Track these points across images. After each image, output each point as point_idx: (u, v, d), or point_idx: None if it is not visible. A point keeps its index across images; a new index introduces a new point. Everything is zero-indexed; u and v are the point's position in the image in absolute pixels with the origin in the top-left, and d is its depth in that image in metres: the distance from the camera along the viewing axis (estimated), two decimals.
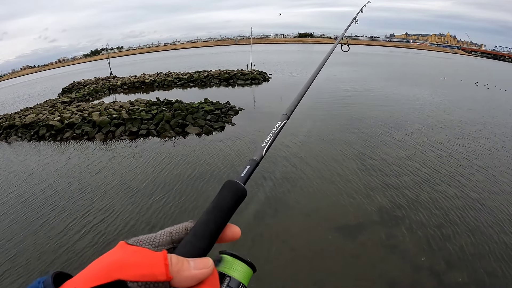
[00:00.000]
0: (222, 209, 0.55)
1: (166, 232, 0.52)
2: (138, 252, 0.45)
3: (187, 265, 0.46)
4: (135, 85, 31.87)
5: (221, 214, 0.54)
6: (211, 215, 0.54)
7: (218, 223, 0.54)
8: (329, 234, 6.83)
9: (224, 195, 0.56)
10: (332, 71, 34.33)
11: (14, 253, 6.78)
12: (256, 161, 0.67)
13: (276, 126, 0.78)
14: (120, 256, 0.44)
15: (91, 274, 0.41)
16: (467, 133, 13.57)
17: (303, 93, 1.05)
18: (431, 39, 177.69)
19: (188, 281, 0.45)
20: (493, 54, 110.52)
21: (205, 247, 0.51)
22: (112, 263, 0.42)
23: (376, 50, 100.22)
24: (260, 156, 0.68)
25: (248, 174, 0.63)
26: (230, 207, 0.55)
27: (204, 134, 14.27)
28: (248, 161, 0.66)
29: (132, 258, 0.43)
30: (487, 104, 19.97)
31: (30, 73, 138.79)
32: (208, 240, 0.52)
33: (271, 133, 0.76)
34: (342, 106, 18.46)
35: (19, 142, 15.84)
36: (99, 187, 9.63)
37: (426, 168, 9.88)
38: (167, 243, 0.51)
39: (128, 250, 0.45)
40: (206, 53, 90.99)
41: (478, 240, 6.46)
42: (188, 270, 0.45)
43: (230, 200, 0.56)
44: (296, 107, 0.94)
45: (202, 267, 0.47)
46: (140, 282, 0.41)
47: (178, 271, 0.44)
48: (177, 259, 0.45)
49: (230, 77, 30.57)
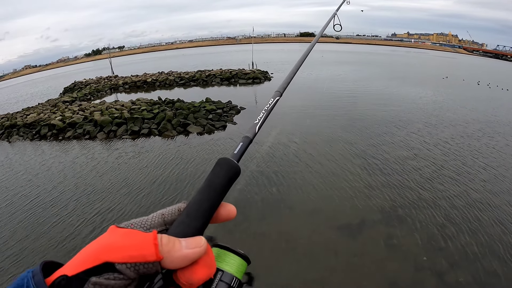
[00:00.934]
0: (216, 188, 0.53)
1: (158, 214, 0.50)
2: (127, 234, 0.44)
3: (179, 245, 0.44)
4: (136, 84, 31.91)
5: (215, 193, 0.52)
6: (204, 194, 0.52)
7: (212, 202, 0.51)
8: (331, 233, 6.83)
9: (217, 173, 0.54)
10: (337, 70, 34.34)
11: (21, 255, 6.81)
12: (250, 138, 0.65)
13: (268, 103, 0.77)
14: (109, 239, 0.43)
15: (80, 259, 0.41)
16: (470, 132, 13.52)
17: (295, 70, 1.02)
18: (432, 38, 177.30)
19: (179, 261, 0.43)
20: (495, 53, 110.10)
21: (198, 226, 0.49)
22: (101, 246, 0.42)
23: (378, 49, 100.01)
24: (253, 133, 0.67)
25: (242, 152, 0.61)
26: (223, 185, 0.53)
27: (206, 134, 14.27)
28: (241, 138, 0.64)
29: (121, 240, 0.42)
30: (489, 103, 19.88)
31: (31, 72, 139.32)
32: (202, 219, 0.50)
33: (264, 109, 0.74)
34: (345, 106, 18.42)
35: (20, 141, 15.88)
36: (102, 187, 9.65)
37: (428, 168, 9.85)
38: (159, 225, 0.49)
39: (117, 233, 0.44)
40: (208, 52, 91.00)
41: (480, 240, 6.44)
42: (180, 250, 0.43)
43: (224, 178, 0.54)
44: (289, 84, 0.92)
45: (194, 246, 0.45)
46: (129, 264, 0.40)
47: (169, 251, 0.43)
48: (168, 239, 0.44)
49: (231, 76, 30.56)
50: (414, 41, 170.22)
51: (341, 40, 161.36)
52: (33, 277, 0.39)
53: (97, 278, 0.39)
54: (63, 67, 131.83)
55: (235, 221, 6.91)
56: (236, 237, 6.57)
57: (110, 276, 0.40)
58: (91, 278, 0.39)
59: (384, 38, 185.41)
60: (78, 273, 0.39)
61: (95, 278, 0.39)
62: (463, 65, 55.22)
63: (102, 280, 0.39)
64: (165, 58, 79.88)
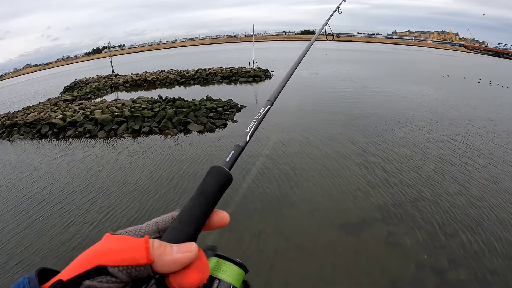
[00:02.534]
0: (207, 195, 0.53)
1: (152, 222, 0.51)
2: (121, 239, 0.45)
3: (170, 249, 0.45)
4: (137, 83, 31.90)
5: (206, 200, 0.53)
6: (196, 201, 0.53)
7: (203, 209, 0.52)
8: (331, 231, 6.83)
9: (208, 180, 0.55)
10: (339, 68, 34.30)
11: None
12: (241, 146, 0.66)
13: (259, 112, 0.78)
14: (102, 245, 0.44)
15: (74, 265, 0.42)
16: (472, 130, 13.51)
17: (286, 79, 1.04)
18: (433, 36, 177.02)
19: (170, 265, 0.44)
20: (495, 51, 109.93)
21: (190, 233, 0.49)
22: (94, 251, 0.43)
23: (378, 47, 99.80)
24: (245, 142, 0.68)
25: (233, 160, 0.62)
26: (215, 192, 0.54)
27: (207, 132, 14.27)
28: (233, 147, 0.65)
29: (114, 245, 0.44)
30: (491, 101, 19.86)
31: (32, 71, 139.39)
32: (194, 226, 0.50)
33: (255, 118, 0.75)
34: (346, 104, 18.41)
35: (21, 140, 15.90)
36: (103, 185, 9.67)
37: (429, 165, 9.85)
38: (153, 232, 0.50)
39: (111, 239, 0.45)
40: (208, 50, 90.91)
41: (481, 238, 6.44)
42: (170, 254, 0.44)
43: (215, 185, 0.54)
44: (280, 93, 0.93)
45: (185, 251, 0.46)
46: (122, 267, 0.41)
47: (160, 254, 0.44)
48: (159, 243, 0.45)
49: (232, 74, 30.57)
50: (415, 39, 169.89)
51: (342, 38, 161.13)
52: (28, 283, 0.40)
53: (91, 282, 0.40)
54: (64, 66, 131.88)
55: (235, 221, 6.93)
56: (236, 236, 6.58)
57: (103, 279, 0.41)
58: (84, 281, 0.40)
59: (384, 36, 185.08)
60: (72, 277, 0.40)
61: (88, 281, 0.40)
62: (464, 63, 55.11)
63: (95, 283, 0.40)
64: (166, 57, 79.80)
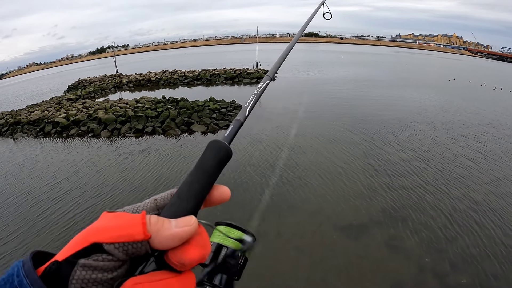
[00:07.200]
0: (206, 169, 0.51)
1: (150, 200, 0.50)
2: (117, 216, 0.43)
3: (168, 224, 0.43)
4: (140, 83, 32.05)
5: (206, 174, 0.51)
6: (195, 176, 0.51)
7: (203, 183, 0.50)
8: (333, 233, 6.82)
9: (208, 154, 0.54)
10: (341, 72, 34.27)
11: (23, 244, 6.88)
12: (240, 121, 0.66)
13: (258, 87, 0.78)
14: (98, 223, 0.43)
15: (70, 245, 0.41)
16: (476, 134, 13.45)
17: (285, 55, 1.04)
18: (437, 40, 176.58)
19: (169, 241, 0.42)
20: (499, 55, 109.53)
21: (190, 208, 0.47)
22: (90, 229, 0.42)
23: (382, 50, 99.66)
24: (244, 116, 0.68)
25: (233, 134, 0.62)
26: (214, 166, 0.52)
27: (210, 133, 14.30)
28: (233, 121, 0.65)
29: (110, 222, 0.42)
30: (495, 105, 19.76)
31: (36, 70, 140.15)
32: (193, 201, 0.48)
33: (254, 93, 0.75)
34: (348, 107, 18.37)
35: (24, 138, 15.98)
36: (105, 184, 9.71)
37: (431, 169, 9.82)
38: (151, 210, 0.48)
39: (107, 216, 0.44)
40: (212, 51, 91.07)
41: (483, 242, 6.41)
42: (169, 229, 0.42)
43: (214, 159, 0.53)
44: (278, 69, 0.94)
45: (184, 225, 0.43)
46: (117, 244, 0.40)
47: (158, 230, 0.42)
48: (157, 219, 0.43)
49: (235, 76, 30.65)
50: (419, 42, 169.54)
51: (345, 41, 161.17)
52: (23, 265, 0.39)
53: (86, 260, 0.39)
54: (68, 65, 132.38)
55: (235, 221, 6.92)
56: None
57: (99, 258, 0.39)
58: (79, 260, 0.38)
59: (388, 39, 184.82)
60: (67, 257, 0.39)
61: (83, 260, 0.39)
62: (469, 67, 54.92)
63: (90, 262, 0.39)
64: (170, 57, 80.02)
